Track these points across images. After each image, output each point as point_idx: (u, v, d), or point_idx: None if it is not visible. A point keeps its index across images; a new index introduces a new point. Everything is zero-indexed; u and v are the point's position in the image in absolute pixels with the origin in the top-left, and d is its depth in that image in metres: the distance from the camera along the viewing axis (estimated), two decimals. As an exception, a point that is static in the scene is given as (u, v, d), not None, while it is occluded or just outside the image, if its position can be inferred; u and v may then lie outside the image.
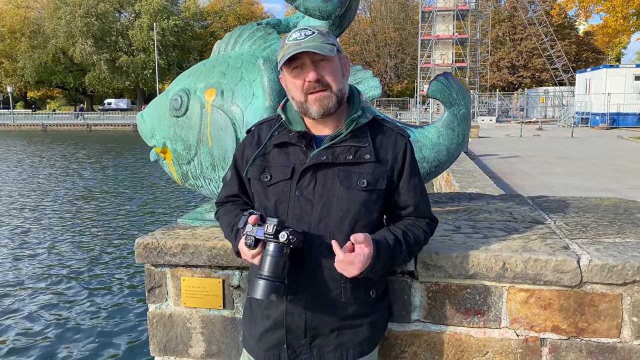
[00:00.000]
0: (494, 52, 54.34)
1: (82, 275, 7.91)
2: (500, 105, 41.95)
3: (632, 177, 11.10)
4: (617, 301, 1.80)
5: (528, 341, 1.87)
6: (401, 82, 62.27)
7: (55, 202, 13.69)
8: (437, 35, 41.43)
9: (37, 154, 26.57)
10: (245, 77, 2.22)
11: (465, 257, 1.85)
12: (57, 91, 75.04)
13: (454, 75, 2.46)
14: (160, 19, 59.84)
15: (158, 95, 2.52)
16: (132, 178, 18.05)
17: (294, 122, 1.68)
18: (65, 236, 10.22)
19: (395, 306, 1.93)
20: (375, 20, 61.19)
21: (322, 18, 2.08)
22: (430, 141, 2.41)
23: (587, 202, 2.87)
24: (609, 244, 1.97)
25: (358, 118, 1.65)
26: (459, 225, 2.31)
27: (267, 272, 1.50)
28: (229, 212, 1.79)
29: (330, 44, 1.57)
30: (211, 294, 2.11)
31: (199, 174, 2.29)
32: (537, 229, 2.22)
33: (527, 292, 1.85)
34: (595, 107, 30.47)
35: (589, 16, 28.78)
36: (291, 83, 1.62)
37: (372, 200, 1.63)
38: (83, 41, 57.75)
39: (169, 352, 2.21)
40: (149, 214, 12.41)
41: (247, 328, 1.78)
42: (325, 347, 1.64)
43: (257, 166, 1.70)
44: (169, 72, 61.23)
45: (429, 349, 1.94)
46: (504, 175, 11.17)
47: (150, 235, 2.19)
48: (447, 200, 2.91)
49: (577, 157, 14.79)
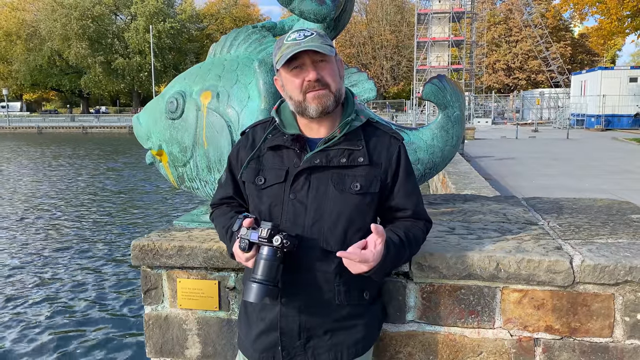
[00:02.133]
0: (490, 54, 54.55)
1: (77, 277, 7.89)
2: (496, 107, 42.10)
3: (626, 178, 11.16)
4: (610, 301, 1.81)
5: (522, 341, 1.88)
6: (397, 84, 62.43)
7: (50, 205, 13.64)
8: (433, 38, 41.57)
9: (32, 156, 26.47)
10: (241, 80, 2.23)
11: (459, 258, 1.86)
12: (52, 94, 74.81)
13: (448, 78, 2.48)
14: (156, 21, 59.79)
15: (154, 98, 2.52)
16: (128, 180, 18.02)
17: (288, 125, 1.69)
18: (61, 238, 10.20)
19: (390, 307, 1.94)
20: (371, 22, 61.32)
21: (317, 21, 2.09)
22: (425, 143, 2.43)
23: (581, 203, 2.89)
24: (601, 245, 1.99)
25: (352, 121, 1.66)
26: (454, 226, 2.33)
27: (260, 276, 1.51)
28: (223, 215, 1.79)
29: (328, 45, 1.58)
30: (207, 296, 2.12)
31: (195, 177, 2.30)
32: (531, 230, 2.24)
33: (521, 293, 1.86)
34: (591, 108, 30.62)
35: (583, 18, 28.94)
36: (290, 82, 1.62)
37: (366, 203, 1.63)
38: (78, 43, 57.60)
39: (165, 353, 2.21)
40: (144, 216, 12.39)
41: (242, 330, 1.78)
42: (320, 349, 1.65)
43: (252, 169, 1.70)
44: (165, 74, 61.14)
45: (424, 350, 1.95)
46: (500, 177, 11.21)
47: (146, 237, 2.20)
48: (442, 202, 2.92)
49: (572, 159, 14.86)
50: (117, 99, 72.68)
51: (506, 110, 44.57)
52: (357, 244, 1.52)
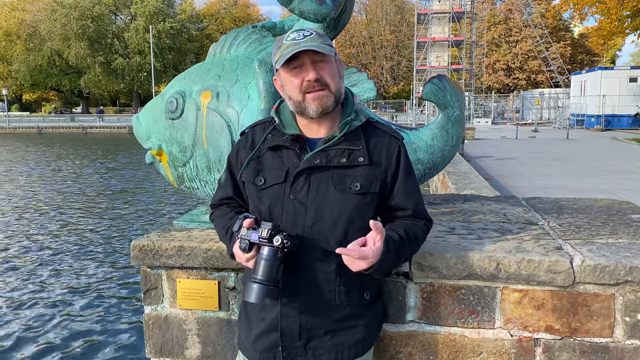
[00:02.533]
0: (490, 55, 54.56)
1: (77, 277, 7.88)
2: (496, 107, 42.11)
3: (626, 178, 11.16)
4: (610, 301, 1.81)
5: (522, 341, 1.88)
6: (397, 84, 62.43)
7: (50, 204, 13.64)
8: (433, 38, 41.57)
9: (32, 156, 26.47)
10: (241, 80, 2.23)
11: (459, 258, 1.86)
12: (52, 94, 74.79)
13: (448, 78, 2.47)
14: (156, 21, 59.76)
15: (154, 98, 2.52)
16: (128, 180, 18.02)
17: (288, 125, 1.69)
18: (61, 238, 10.19)
19: (390, 307, 1.93)
20: (371, 22, 61.31)
21: (317, 21, 2.09)
22: (425, 143, 2.42)
23: (581, 203, 2.89)
24: (601, 245, 1.99)
25: (351, 121, 1.65)
26: (454, 226, 2.32)
27: (261, 276, 1.51)
28: (223, 215, 1.79)
29: (328, 45, 1.58)
30: (207, 296, 2.12)
31: (195, 176, 2.30)
32: (531, 230, 2.24)
33: (521, 293, 1.86)
34: (591, 108, 30.63)
35: (583, 18, 28.97)
36: (289, 82, 1.61)
37: (366, 203, 1.63)
38: (78, 43, 57.59)
39: (165, 354, 2.21)
40: (144, 216, 12.39)
41: (242, 330, 1.78)
42: (320, 349, 1.64)
43: (251, 169, 1.70)
44: (165, 74, 61.11)
45: (424, 350, 1.95)
46: (500, 177, 11.21)
47: (146, 238, 2.20)
48: (441, 202, 2.92)
49: (572, 159, 14.86)
50: (117, 99, 72.65)
51: (506, 111, 44.59)
52: (356, 241, 1.51)
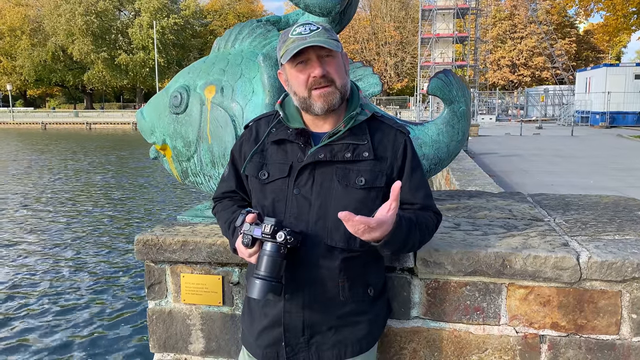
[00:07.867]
0: (494, 51, 54.33)
1: (80, 272, 7.91)
2: (500, 103, 41.96)
3: (631, 176, 11.10)
4: (616, 298, 1.80)
5: (527, 338, 1.87)
6: (401, 81, 62.25)
7: (54, 199, 13.68)
8: (437, 34, 41.35)
9: (37, 152, 26.54)
10: (245, 74, 2.22)
11: (464, 254, 1.85)
12: (56, 89, 74.92)
13: (454, 73, 2.46)
14: (160, 17, 59.79)
15: (158, 92, 2.51)
16: (132, 175, 18.05)
17: (292, 119, 1.67)
18: (65, 233, 10.23)
19: (395, 303, 1.93)
20: (375, 18, 61.12)
21: (322, 15, 2.08)
22: (430, 138, 2.41)
23: (587, 199, 2.87)
24: (608, 241, 1.97)
25: (357, 115, 1.63)
26: (459, 222, 2.31)
27: (264, 272, 1.50)
28: (226, 209, 1.78)
29: (335, 40, 1.56)
30: (211, 291, 2.11)
31: (199, 171, 2.29)
32: (537, 226, 2.22)
33: (527, 289, 1.85)
34: (595, 105, 30.45)
35: (589, 15, 28.70)
36: (294, 78, 1.59)
37: (371, 198, 1.61)
38: (82, 39, 57.67)
39: (169, 348, 2.21)
40: (148, 210, 12.41)
41: (245, 325, 1.77)
42: (324, 345, 1.63)
43: (255, 163, 1.68)
44: (169, 70, 61.16)
45: (429, 346, 1.94)
46: (504, 174, 11.16)
47: (150, 232, 2.19)
48: (446, 198, 2.90)
49: (577, 156, 14.79)
50: (121, 95, 72.74)
51: (510, 107, 44.41)
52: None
